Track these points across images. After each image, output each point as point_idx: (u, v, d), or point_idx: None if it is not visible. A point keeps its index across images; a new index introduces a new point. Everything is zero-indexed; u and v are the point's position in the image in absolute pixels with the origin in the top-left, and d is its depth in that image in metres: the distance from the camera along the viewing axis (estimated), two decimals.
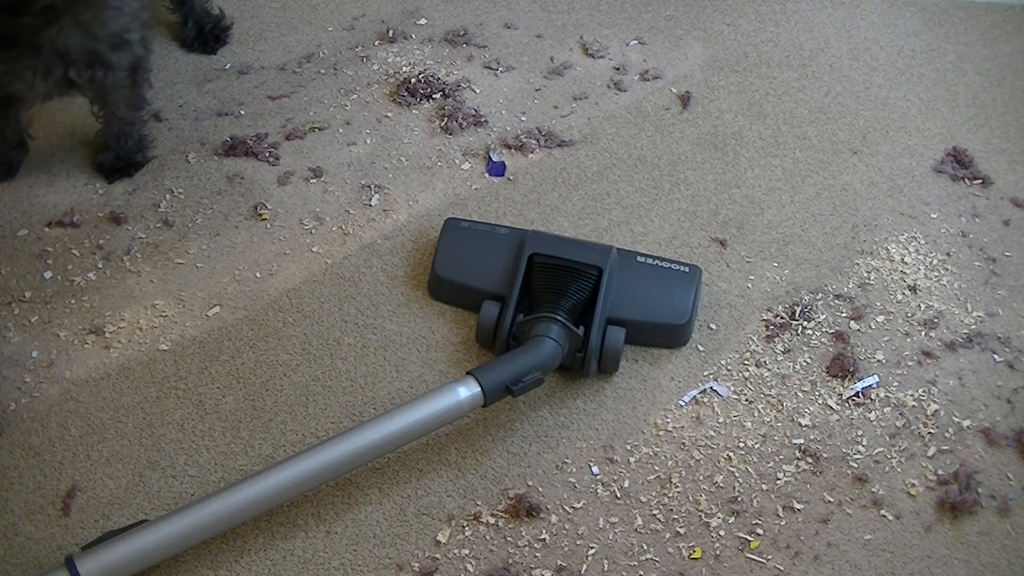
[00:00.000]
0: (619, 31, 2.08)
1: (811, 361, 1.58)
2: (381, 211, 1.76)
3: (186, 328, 1.59)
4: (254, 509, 1.33)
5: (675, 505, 1.42)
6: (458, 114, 1.89)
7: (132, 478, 1.43)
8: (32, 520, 1.39)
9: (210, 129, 1.87)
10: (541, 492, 1.43)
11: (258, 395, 1.52)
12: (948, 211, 1.78)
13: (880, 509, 1.42)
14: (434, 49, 2.03)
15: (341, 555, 1.37)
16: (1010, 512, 1.42)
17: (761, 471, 1.46)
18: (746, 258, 1.71)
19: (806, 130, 1.91)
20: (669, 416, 1.51)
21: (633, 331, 1.54)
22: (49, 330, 1.58)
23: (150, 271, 1.66)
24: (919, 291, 1.66)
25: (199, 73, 1.97)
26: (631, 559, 1.37)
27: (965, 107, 1.96)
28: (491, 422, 1.50)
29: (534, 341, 1.47)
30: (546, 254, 1.56)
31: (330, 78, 1.97)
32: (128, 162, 1.79)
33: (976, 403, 1.53)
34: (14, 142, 1.78)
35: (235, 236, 1.71)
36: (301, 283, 1.66)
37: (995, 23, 2.13)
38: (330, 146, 1.85)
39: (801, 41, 2.08)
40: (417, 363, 1.56)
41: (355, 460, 1.36)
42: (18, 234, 1.70)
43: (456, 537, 1.39)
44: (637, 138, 1.89)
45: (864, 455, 1.47)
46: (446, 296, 1.63)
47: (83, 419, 1.49)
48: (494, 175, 1.82)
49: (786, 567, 1.37)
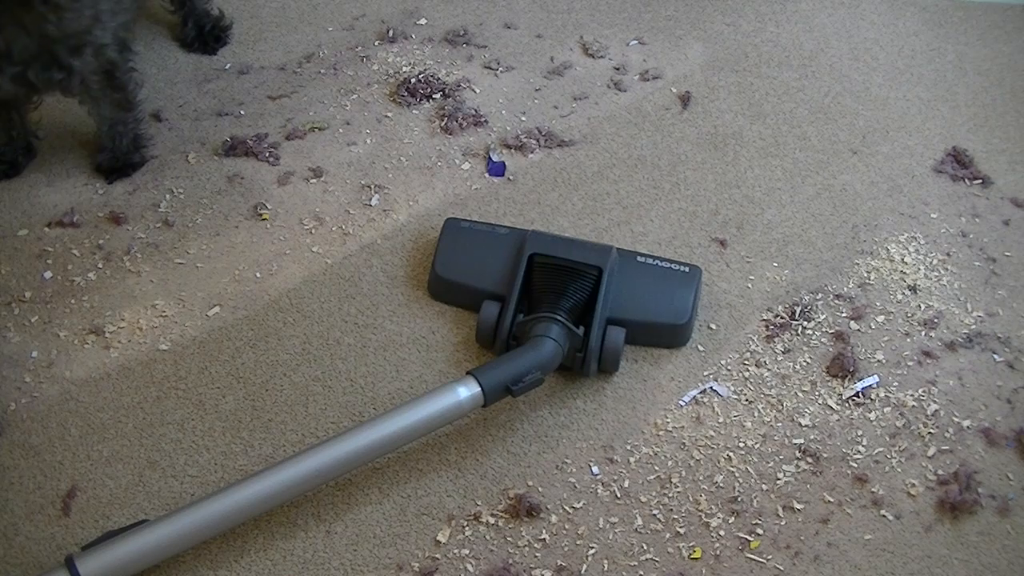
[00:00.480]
0: (619, 31, 2.08)
1: (811, 361, 1.58)
2: (381, 211, 1.76)
3: (186, 328, 1.59)
4: (254, 509, 1.33)
5: (675, 505, 1.42)
6: (458, 114, 1.89)
7: (132, 478, 1.43)
8: (32, 520, 1.39)
9: (210, 129, 1.87)
10: (541, 492, 1.43)
11: (258, 395, 1.52)
12: (948, 211, 1.78)
13: (880, 509, 1.42)
14: (434, 49, 2.03)
15: (341, 555, 1.37)
16: (1010, 512, 1.42)
17: (761, 471, 1.46)
18: (746, 258, 1.71)
19: (806, 130, 1.91)
20: (669, 416, 1.51)
21: (633, 331, 1.54)
22: (49, 330, 1.58)
23: (150, 271, 1.66)
24: (919, 291, 1.66)
25: (199, 73, 1.97)
26: (631, 559, 1.37)
27: (965, 107, 1.96)
28: (491, 422, 1.50)
29: (534, 341, 1.47)
30: (546, 254, 1.56)
31: (330, 78, 1.97)
32: (125, 163, 1.79)
33: (976, 403, 1.53)
34: (21, 144, 1.78)
35: (235, 236, 1.71)
36: (301, 283, 1.66)
37: (995, 23, 2.13)
38: (330, 146, 1.85)
39: (801, 41, 2.08)
40: (417, 363, 1.56)
41: (355, 460, 1.36)
42: (18, 234, 1.71)
43: (456, 537, 1.39)
44: (637, 138, 1.89)
45: (864, 455, 1.47)
46: (446, 296, 1.63)
47: (83, 419, 1.49)
48: (494, 175, 1.82)
49: (786, 567, 1.37)
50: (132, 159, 1.79)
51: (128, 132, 1.77)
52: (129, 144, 1.78)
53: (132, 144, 1.78)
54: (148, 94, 1.88)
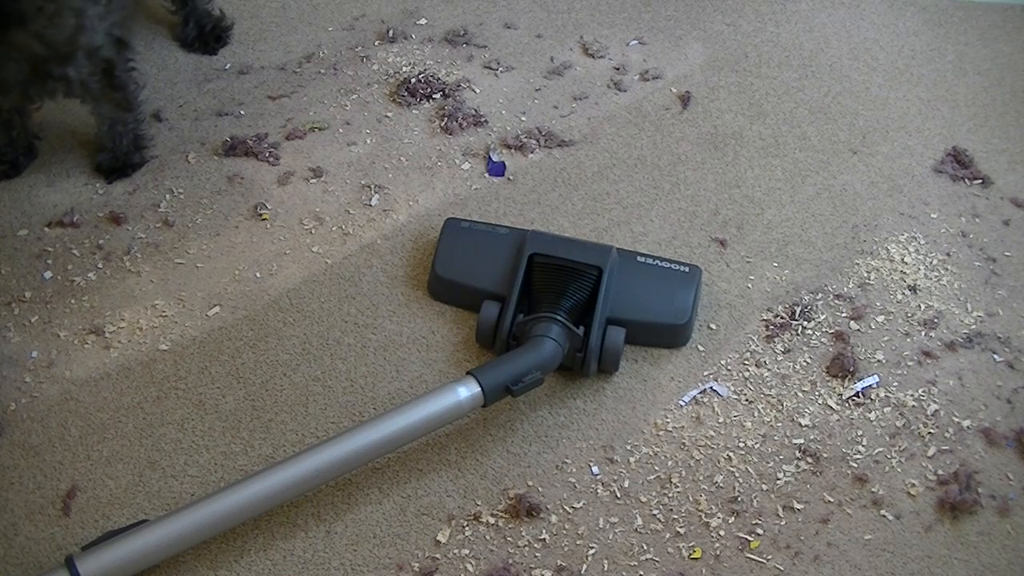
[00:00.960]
0: (619, 31, 2.08)
1: (811, 361, 1.58)
2: (381, 211, 1.76)
3: (186, 328, 1.59)
4: (254, 509, 1.33)
5: (675, 505, 1.42)
6: (458, 114, 1.89)
7: (132, 478, 1.43)
8: (32, 520, 1.39)
9: (210, 129, 1.87)
10: (541, 492, 1.43)
11: (258, 395, 1.52)
12: (948, 211, 1.78)
13: (880, 509, 1.42)
14: (434, 49, 2.03)
15: (341, 555, 1.37)
16: (1010, 512, 1.42)
17: (761, 471, 1.46)
18: (746, 258, 1.71)
19: (806, 130, 1.91)
20: (669, 416, 1.51)
21: (633, 331, 1.54)
22: (49, 330, 1.58)
23: (150, 271, 1.66)
24: (919, 291, 1.66)
25: (199, 73, 1.97)
26: (631, 559, 1.37)
27: (965, 107, 1.96)
28: (491, 422, 1.50)
29: (534, 341, 1.47)
30: (546, 254, 1.56)
31: (330, 78, 1.97)
32: (125, 163, 1.79)
33: (976, 403, 1.53)
34: (22, 144, 1.79)
35: (235, 236, 1.71)
36: (301, 283, 1.66)
37: (995, 23, 2.13)
38: (330, 146, 1.85)
39: (801, 41, 2.08)
40: (417, 363, 1.56)
41: (355, 460, 1.36)
42: (18, 234, 1.71)
43: (456, 537, 1.39)
44: (637, 138, 1.89)
45: (864, 455, 1.47)
46: (446, 296, 1.63)
47: (83, 419, 1.49)
48: (494, 175, 1.82)
49: (786, 567, 1.37)
50: (132, 159, 1.79)
51: (128, 132, 1.77)
52: (129, 144, 1.78)
53: (132, 144, 1.78)
54: (148, 94, 1.88)
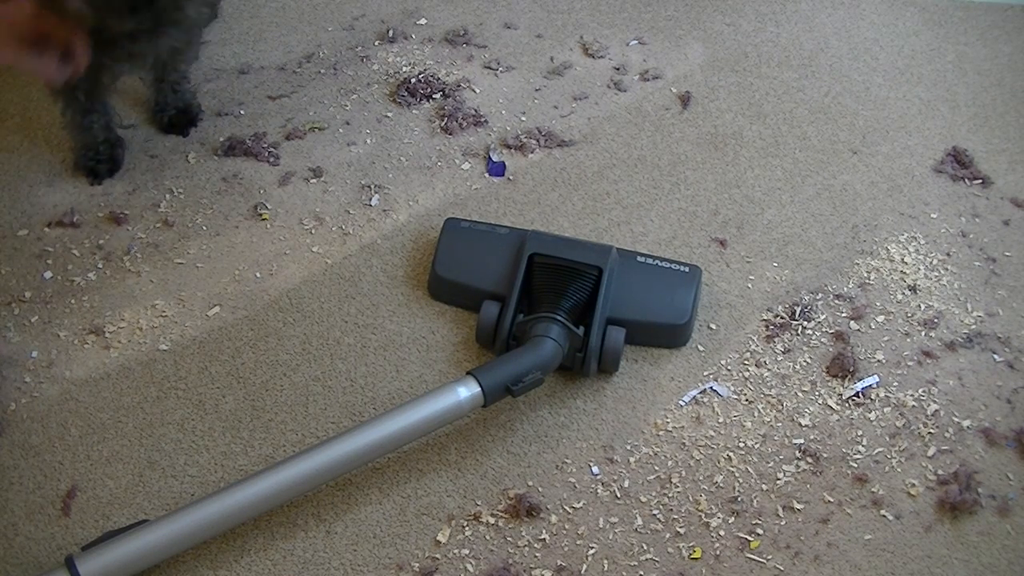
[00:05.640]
0: (619, 31, 2.08)
1: (811, 361, 1.58)
2: (381, 211, 1.76)
3: (186, 328, 1.59)
4: (254, 509, 1.33)
5: (675, 505, 1.42)
6: (458, 114, 1.89)
7: (132, 478, 1.43)
8: (32, 520, 1.39)
9: (210, 129, 1.87)
10: (541, 492, 1.43)
11: (258, 395, 1.52)
12: (948, 211, 1.78)
13: (880, 509, 1.42)
14: (434, 49, 2.03)
15: (341, 555, 1.37)
16: (1010, 512, 1.42)
17: (761, 471, 1.46)
18: (746, 258, 1.71)
19: (806, 130, 1.91)
20: (669, 416, 1.51)
21: (633, 331, 1.54)
22: (49, 330, 1.58)
23: (150, 271, 1.66)
24: (919, 291, 1.66)
25: (199, 73, 1.97)
26: (631, 559, 1.37)
27: (965, 107, 1.96)
28: (491, 422, 1.50)
29: (534, 341, 1.47)
30: (546, 254, 1.56)
31: (330, 78, 1.97)
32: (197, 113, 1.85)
33: (976, 403, 1.53)
34: (114, 138, 1.79)
35: (235, 236, 1.71)
36: (301, 283, 1.66)
37: (995, 23, 2.13)
38: (330, 146, 1.85)
39: (801, 41, 2.08)
40: (417, 363, 1.56)
41: (355, 460, 1.36)
42: (18, 234, 1.71)
43: (456, 537, 1.39)
44: (637, 138, 1.89)
45: (864, 455, 1.47)
46: (446, 296, 1.63)
47: (83, 419, 1.49)
48: (494, 175, 1.82)
49: (786, 567, 1.37)
50: (193, 106, 1.85)
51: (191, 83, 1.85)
52: (190, 93, 1.85)
53: (193, 92, 1.86)
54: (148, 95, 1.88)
